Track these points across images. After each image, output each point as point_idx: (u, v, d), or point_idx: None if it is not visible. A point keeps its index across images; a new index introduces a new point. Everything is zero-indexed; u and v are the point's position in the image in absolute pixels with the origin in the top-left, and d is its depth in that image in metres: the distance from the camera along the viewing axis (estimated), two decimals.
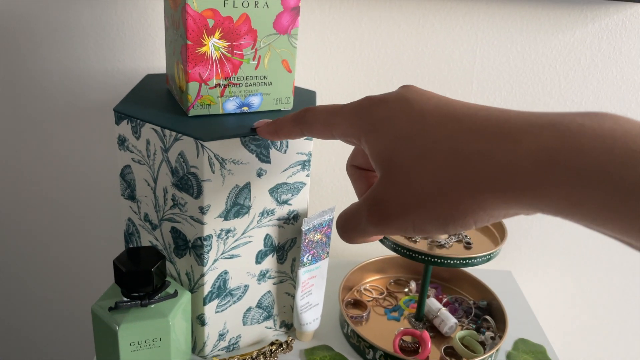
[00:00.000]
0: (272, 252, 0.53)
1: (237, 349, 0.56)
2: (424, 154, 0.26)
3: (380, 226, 0.28)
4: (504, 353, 0.59)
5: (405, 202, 0.27)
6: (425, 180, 0.26)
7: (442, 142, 0.26)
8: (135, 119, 0.48)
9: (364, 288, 0.68)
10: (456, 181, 0.25)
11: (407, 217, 0.27)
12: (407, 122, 0.27)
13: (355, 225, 0.30)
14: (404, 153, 0.27)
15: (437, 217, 0.26)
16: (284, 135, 0.38)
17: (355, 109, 0.30)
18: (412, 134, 0.27)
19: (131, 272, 0.45)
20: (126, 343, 0.46)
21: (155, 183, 0.49)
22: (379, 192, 0.28)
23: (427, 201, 0.26)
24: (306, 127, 0.34)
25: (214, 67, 0.47)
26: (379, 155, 0.28)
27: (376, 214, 0.28)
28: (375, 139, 0.28)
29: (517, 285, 0.72)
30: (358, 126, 0.30)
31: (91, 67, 0.68)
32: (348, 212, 0.31)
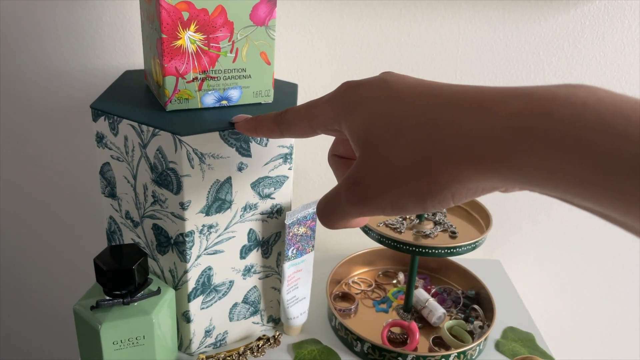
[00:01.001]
0: (257, 247, 0.53)
1: (224, 345, 0.56)
2: (400, 129, 0.26)
3: (359, 205, 0.28)
4: (493, 342, 0.59)
5: (383, 179, 0.26)
6: (402, 155, 0.26)
7: (418, 115, 0.25)
8: (113, 115, 0.47)
9: (352, 281, 0.68)
10: (432, 154, 0.24)
11: (385, 194, 0.26)
12: (384, 100, 0.27)
13: (334, 208, 0.30)
14: (380, 130, 0.27)
15: (414, 192, 0.26)
16: (262, 133, 0.38)
17: (333, 95, 0.30)
18: (388, 111, 0.27)
19: (112, 270, 0.45)
20: (109, 342, 0.45)
21: (135, 180, 0.49)
22: (357, 171, 0.28)
23: (404, 176, 0.26)
24: (286, 127, 0.34)
25: (190, 61, 0.46)
26: (357, 135, 0.28)
27: (354, 192, 0.28)
28: (353, 120, 0.28)
29: (505, 274, 0.72)
30: (337, 111, 0.30)
31: (70, 65, 0.67)
32: (327, 195, 0.31)
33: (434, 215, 0.59)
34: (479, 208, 0.59)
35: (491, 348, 0.58)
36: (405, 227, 0.57)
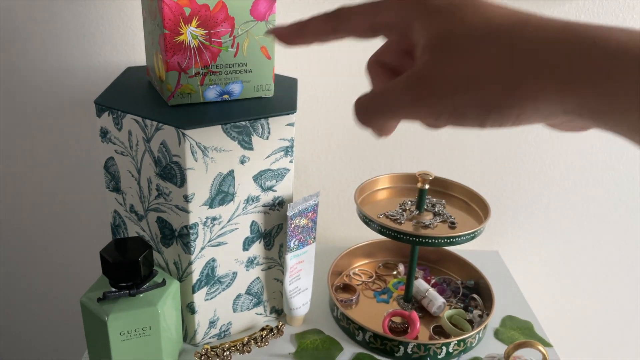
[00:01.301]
0: (259, 239, 0.54)
1: (228, 335, 0.57)
2: (486, 36, 0.25)
3: (417, 102, 0.27)
4: (492, 330, 0.60)
5: (455, 82, 0.26)
6: (483, 62, 0.25)
7: (508, 30, 0.25)
8: (116, 110, 0.48)
9: (353, 272, 0.68)
10: (518, 64, 0.24)
11: (452, 97, 0.26)
12: (471, 11, 0.26)
13: (383, 103, 0.28)
14: (464, 34, 0.26)
15: (483, 101, 0.25)
16: (310, 34, 0.32)
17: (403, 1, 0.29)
18: (475, 21, 0.26)
19: (118, 262, 0.45)
20: (116, 333, 0.46)
21: (139, 174, 0.50)
22: (425, 69, 0.26)
23: (479, 82, 0.25)
24: (341, 22, 0.31)
25: (192, 56, 0.47)
26: (432, 39, 0.27)
27: (417, 89, 0.27)
28: (431, 24, 0.27)
29: (504, 264, 0.73)
30: (411, 10, 0.28)
31: (73, 62, 0.68)
32: (374, 91, 0.29)
33: (434, 206, 0.60)
34: (478, 199, 0.60)
35: (490, 336, 0.59)
36: (405, 218, 0.58)
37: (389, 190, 0.64)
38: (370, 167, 0.75)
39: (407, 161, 0.74)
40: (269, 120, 0.48)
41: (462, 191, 0.61)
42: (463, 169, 0.75)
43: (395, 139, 0.73)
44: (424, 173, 0.56)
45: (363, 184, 0.61)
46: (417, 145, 0.74)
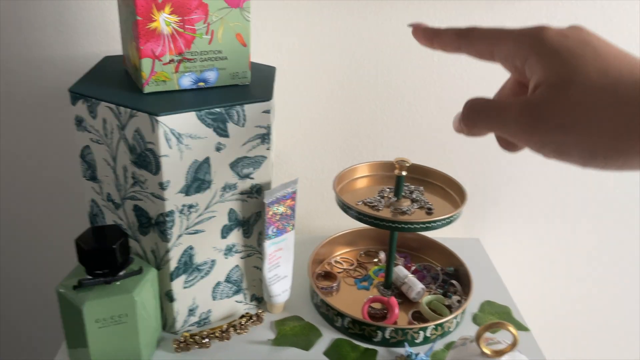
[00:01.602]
0: (237, 227, 0.54)
1: (208, 323, 0.57)
2: (605, 87, 0.26)
3: (528, 130, 0.28)
4: (471, 315, 0.61)
5: (566, 122, 0.27)
6: (601, 111, 0.26)
7: (624, 87, 0.26)
8: (91, 98, 0.48)
9: (335, 260, 0.69)
10: (631, 121, 0.25)
11: (560, 133, 0.27)
12: (591, 55, 0.28)
13: (494, 116, 0.30)
14: (584, 77, 0.27)
15: (590, 147, 0.27)
16: (439, 43, 0.35)
17: (528, 33, 0.30)
18: (595, 66, 0.27)
19: (93, 249, 0.45)
20: (92, 320, 0.46)
21: (115, 162, 0.50)
22: (542, 100, 0.28)
23: (589, 130, 0.26)
24: (468, 43, 0.33)
25: (166, 43, 0.47)
26: (554, 73, 0.28)
27: (529, 117, 0.28)
28: (551, 62, 0.28)
29: (484, 252, 0.74)
30: (529, 49, 0.30)
31: (51, 53, 0.67)
32: (491, 102, 0.31)
33: (412, 193, 0.60)
34: (455, 186, 0.60)
35: (469, 321, 0.60)
36: (383, 205, 0.58)
37: (368, 178, 0.64)
38: (352, 156, 0.75)
39: (389, 150, 0.75)
40: (244, 107, 0.49)
41: (439, 178, 0.62)
42: (444, 157, 0.75)
43: (378, 129, 0.73)
44: (401, 160, 0.57)
45: (342, 172, 0.62)
46: (399, 135, 0.74)
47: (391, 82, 0.71)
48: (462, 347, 0.43)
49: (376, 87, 0.71)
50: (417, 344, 0.56)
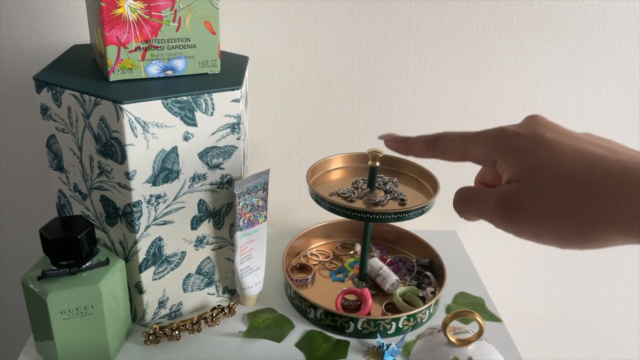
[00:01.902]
0: (208, 218, 0.53)
1: (179, 316, 0.57)
2: (562, 179, 0.30)
3: (503, 219, 0.32)
4: (444, 306, 0.61)
5: (536, 213, 0.30)
6: (561, 201, 0.29)
7: (579, 176, 0.29)
8: (55, 86, 0.47)
9: (311, 253, 0.69)
10: (589, 214, 0.28)
11: (532, 225, 0.31)
12: (546, 153, 0.31)
13: (477, 206, 0.34)
14: (543, 172, 0.31)
15: (560, 234, 0.30)
16: (413, 154, 0.40)
17: (490, 137, 0.34)
18: (550, 161, 0.31)
19: (56, 239, 0.45)
20: (57, 311, 0.45)
21: (81, 151, 0.49)
22: (513, 194, 0.31)
23: (556, 222, 0.30)
24: (438, 152, 0.38)
25: (132, 30, 0.46)
26: (519, 170, 0.32)
27: (504, 209, 0.32)
28: (513, 162, 0.32)
29: (461, 244, 0.74)
30: (494, 152, 0.33)
31: (21, 42, 0.66)
32: (475, 191, 0.35)
33: (385, 184, 0.60)
34: (428, 177, 0.60)
35: (442, 312, 0.60)
36: (357, 196, 0.58)
37: (342, 170, 0.64)
38: (329, 148, 0.75)
39: (366, 143, 0.75)
40: (212, 96, 0.48)
41: (413, 169, 0.62)
42: None
43: (354, 121, 0.73)
44: (374, 151, 0.56)
45: (316, 164, 0.61)
46: (375, 127, 0.74)
47: (367, 73, 0.70)
48: (430, 337, 0.43)
49: (352, 79, 0.71)
50: (390, 335, 0.55)
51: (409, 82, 0.71)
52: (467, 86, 0.72)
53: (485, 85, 0.72)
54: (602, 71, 0.72)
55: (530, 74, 0.72)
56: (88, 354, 0.49)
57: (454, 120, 0.74)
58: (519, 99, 0.73)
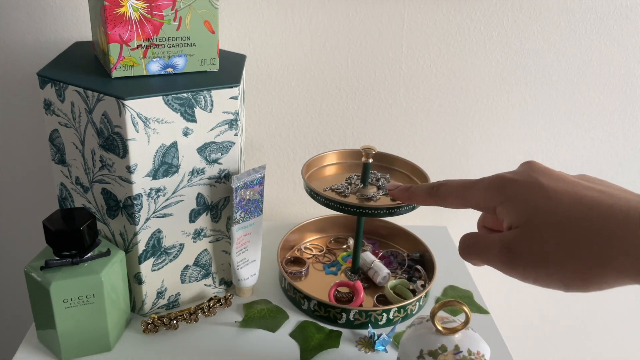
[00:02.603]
0: (206, 211, 0.55)
1: (177, 306, 0.58)
2: (560, 224, 0.31)
3: (506, 266, 0.33)
4: (434, 299, 0.63)
5: (537, 258, 0.31)
6: (559, 246, 0.30)
7: (576, 221, 0.30)
8: (59, 82, 0.48)
9: (305, 247, 0.70)
10: (588, 258, 0.29)
11: (534, 270, 0.32)
12: (543, 199, 0.32)
13: (480, 253, 0.36)
14: (540, 218, 0.32)
15: (562, 279, 0.31)
16: (417, 202, 0.43)
17: (489, 185, 0.35)
18: (547, 207, 0.32)
19: (59, 231, 0.46)
20: (59, 300, 0.47)
21: (83, 145, 0.50)
22: (514, 240, 0.33)
23: (557, 264, 0.31)
24: (440, 200, 0.40)
25: (134, 28, 0.48)
26: (517, 217, 0.33)
27: (507, 256, 0.33)
28: (512, 208, 0.33)
29: (451, 239, 0.76)
30: (493, 199, 0.35)
31: (23, 38, 0.67)
32: (478, 238, 0.36)
33: (378, 180, 0.62)
34: (420, 173, 0.62)
35: (431, 304, 0.62)
36: (350, 191, 0.60)
37: (336, 166, 0.65)
38: (323, 145, 0.77)
39: (359, 140, 0.76)
40: (211, 93, 0.49)
41: (405, 166, 0.64)
42: (413, 147, 0.77)
43: (348, 118, 0.75)
44: (367, 147, 0.58)
45: (311, 159, 0.63)
46: (369, 125, 0.76)
47: (361, 72, 0.72)
48: (419, 325, 0.45)
49: (346, 77, 0.72)
50: (381, 326, 0.57)
51: (401, 81, 0.73)
52: (458, 85, 0.74)
53: (475, 85, 0.74)
54: (591, 71, 0.74)
55: (519, 73, 0.74)
56: (89, 342, 0.50)
57: (445, 119, 0.76)
58: (509, 99, 0.75)
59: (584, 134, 0.78)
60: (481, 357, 0.42)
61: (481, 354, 0.43)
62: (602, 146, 0.79)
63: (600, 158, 0.80)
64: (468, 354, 0.42)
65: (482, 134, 0.77)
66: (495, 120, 0.76)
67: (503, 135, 0.77)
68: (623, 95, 0.76)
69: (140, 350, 0.52)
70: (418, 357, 0.42)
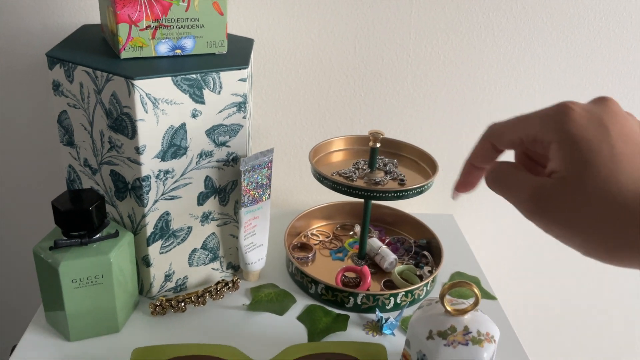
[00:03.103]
0: (214, 194, 0.55)
1: (184, 290, 0.58)
2: (608, 197, 0.27)
3: (531, 214, 0.30)
4: (441, 285, 0.63)
5: (571, 218, 0.28)
6: (601, 219, 0.27)
7: (628, 202, 0.27)
8: (68, 62, 0.48)
9: (311, 233, 0.70)
10: (628, 239, 0.26)
11: (562, 228, 0.29)
12: (606, 156, 0.28)
13: (508, 190, 0.32)
14: (594, 180, 0.28)
15: (588, 246, 0.28)
16: (479, 159, 0.36)
17: (551, 115, 0.30)
18: (606, 170, 0.28)
19: (68, 211, 0.46)
20: (68, 280, 0.47)
21: (92, 127, 0.50)
22: (551, 192, 0.29)
23: (591, 233, 0.28)
24: (496, 137, 0.34)
25: (143, 9, 0.48)
26: (567, 165, 0.29)
27: (536, 206, 0.30)
28: (568, 153, 0.29)
29: (457, 227, 0.76)
30: (553, 132, 0.30)
31: (29, 22, 0.67)
32: (511, 173, 0.32)
33: (385, 165, 0.61)
34: (427, 159, 0.62)
35: (438, 290, 0.62)
36: (358, 176, 0.59)
37: (343, 152, 0.65)
38: (330, 132, 0.76)
39: (366, 127, 0.76)
40: (220, 75, 0.49)
41: (412, 151, 0.64)
42: (420, 135, 0.77)
43: (355, 105, 0.75)
44: (375, 132, 0.58)
45: (318, 144, 0.63)
46: (375, 111, 0.75)
47: (369, 58, 0.72)
48: (428, 307, 0.45)
49: (354, 63, 0.72)
50: (388, 310, 0.57)
51: (409, 67, 0.73)
52: (465, 73, 0.74)
53: (483, 72, 0.74)
54: (601, 58, 0.74)
55: (527, 60, 0.73)
56: (97, 323, 0.51)
57: (452, 106, 0.75)
58: (517, 86, 0.75)
59: None
60: (490, 338, 0.42)
61: (490, 335, 0.43)
62: None
63: None
64: (477, 334, 0.42)
65: (489, 121, 0.76)
66: (502, 108, 0.76)
67: None
68: (632, 82, 0.76)
69: (148, 332, 0.52)
70: (427, 337, 0.42)
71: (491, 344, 0.42)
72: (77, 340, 0.51)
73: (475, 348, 0.42)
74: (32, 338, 0.51)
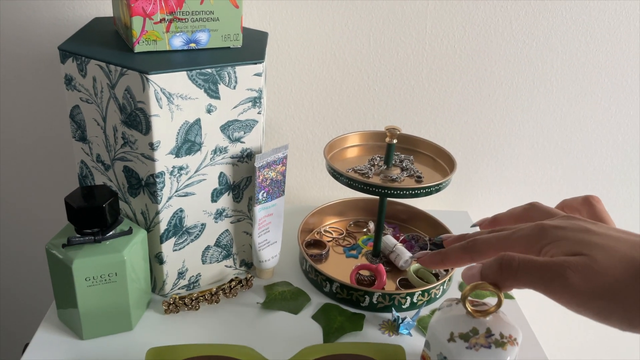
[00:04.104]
0: (228, 191, 0.54)
1: (197, 287, 0.58)
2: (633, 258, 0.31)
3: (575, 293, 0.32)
4: (457, 283, 0.62)
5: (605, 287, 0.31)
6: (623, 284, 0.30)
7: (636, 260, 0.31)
8: (80, 56, 0.47)
9: (324, 230, 0.69)
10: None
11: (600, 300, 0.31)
12: (597, 237, 0.33)
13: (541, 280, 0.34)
14: (606, 250, 0.32)
15: (629, 314, 0.30)
16: (451, 263, 0.40)
17: (530, 233, 0.35)
18: (604, 244, 0.32)
19: (82, 208, 0.45)
20: (81, 278, 0.46)
21: (105, 122, 0.49)
22: (584, 265, 0.32)
23: (628, 297, 0.30)
24: (477, 254, 0.38)
25: (157, 1, 0.46)
26: (575, 247, 0.33)
27: (582, 281, 0.32)
28: (566, 243, 0.33)
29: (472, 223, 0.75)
30: (537, 244, 0.34)
31: (41, 16, 0.66)
32: (530, 261, 0.34)
33: (402, 162, 0.60)
34: (444, 155, 0.61)
35: (455, 289, 0.61)
36: (373, 172, 0.58)
37: (358, 147, 0.64)
38: (343, 127, 0.75)
39: (380, 122, 0.75)
40: (235, 69, 0.48)
41: (429, 148, 0.62)
42: (435, 130, 0.76)
43: (369, 100, 0.73)
44: (392, 128, 0.57)
45: (333, 140, 0.62)
46: (390, 106, 0.74)
47: (383, 52, 0.71)
48: (448, 308, 0.44)
49: (368, 57, 0.71)
50: (404, 310, 0.56)
51: (424, 61, 0.71)
52: (482, 67, 0.72)
53: (500, 66, 0.72)
54: (620, 54, 0.72)
55: (546, 54, 0.72)
56: (110, 321, 0.50)
57: (468, 101, 0.74)
58: (534, 81, 0.73)
59: (610, 117, 0.76)
60: (513, 341, 0.41)
61: (513, 337, 0.41)
62: (630, 130, 0.78)
63: (627, 142, 0.78)
64: (500, 337, 0.41)
65: (506, 116, 0.75)
66: (519, 103, 0.75)
67: (527, 118, 0.76)
68: None
69: (161, 331, 0.52)
70: (449, 339, 0.41)
71: (514, 346, 0.41)
72: (89, 339, 0.50)
73: (498, 351, 0.40)
74: (44, 336, 0.51)
